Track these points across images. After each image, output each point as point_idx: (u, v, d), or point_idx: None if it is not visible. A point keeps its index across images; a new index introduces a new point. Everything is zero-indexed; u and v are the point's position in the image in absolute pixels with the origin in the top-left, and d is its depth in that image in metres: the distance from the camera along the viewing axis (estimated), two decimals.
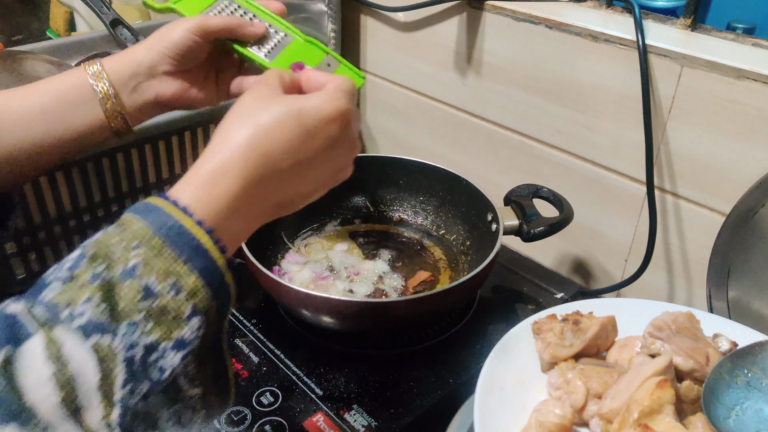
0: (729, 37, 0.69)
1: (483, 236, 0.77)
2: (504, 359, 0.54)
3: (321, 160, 0.45)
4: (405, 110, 1.03)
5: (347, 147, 0.47)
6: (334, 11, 0.98)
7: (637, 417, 0.44)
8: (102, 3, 1.00)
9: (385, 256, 0.80)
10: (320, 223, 0.86)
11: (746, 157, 0.66)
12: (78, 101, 0.53)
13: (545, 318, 0.56)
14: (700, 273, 0.73)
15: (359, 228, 0.86)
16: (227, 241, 0.39)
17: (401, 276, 0.77)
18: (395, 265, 0.79)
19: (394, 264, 0.79)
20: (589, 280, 0.87)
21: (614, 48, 0.72)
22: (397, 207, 0.88)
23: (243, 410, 0.60)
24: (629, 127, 0.74)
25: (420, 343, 0.69)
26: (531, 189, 0.77)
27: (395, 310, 0.64)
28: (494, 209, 0.74)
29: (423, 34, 0.94)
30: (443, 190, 0.84)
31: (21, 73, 0.79)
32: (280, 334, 0.70)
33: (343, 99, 0.45)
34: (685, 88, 0.68)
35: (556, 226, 0.71)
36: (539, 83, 0.81)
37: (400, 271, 0.78)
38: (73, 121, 0.53)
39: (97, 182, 0.75)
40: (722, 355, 0.50)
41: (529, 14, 0.79)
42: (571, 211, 0.73)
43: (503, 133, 0.89)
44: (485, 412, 0.48)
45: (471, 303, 0.75)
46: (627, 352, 0.54)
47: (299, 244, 0.82)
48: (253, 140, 0.42)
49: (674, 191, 0.73)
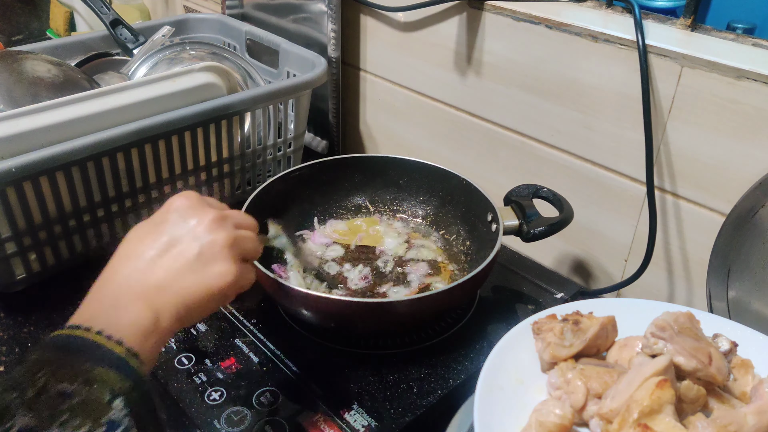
0: (729, 37, 0.69)
1: (483, 236, 0.77)
2: (504, 359, 0.54)
3: (170, 226, 0.49)
4: (405, 110, 1.03)
5: (198, 215, 0.50)
6: (334, 11, 0.98)
7: (637, 417, 0.44)
8: (102, 3, 1.00)
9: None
10: (321, 223, 0.86)
11: (746, 157, 0.66)
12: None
13: (545, 318, 0.56)
14: (700, 273, 0.73)
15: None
16: (113, 330, 0.42)
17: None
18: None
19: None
20: (589, 280, 0.87)
21: (614, 48, 0.72)
22: (397, 207, 0.88)
23: (243, 410, 0.60)
24: (629, 127, 0.74)
25: (420, 343, 0.69)
26: (531, 189, 0.77)
27: (395, 310, 0.64)
28: (494, 209, 0.74)
29: (423, 34, 0.94)
30: (443, 190, 0.84)
31: (21, 73, 0.79)
32: (280, 334, 0.70)
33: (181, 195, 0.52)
34: (685, 88, 0.68)
35: (556, 226, 0.71)
36: (539, 83, 0.81)
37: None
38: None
39: (97, 182, 0.75)
40: (723, 355, 0.50)
41: (529, 14, 0.79)
42: (571, 211, 0.73)
43: (503, 133, 0.89)
44: (485, 412, 0.48)
45: (471, 303, 0.75)
46: (627, 352, 0.54)
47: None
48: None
49: (674, 191, 0.73)
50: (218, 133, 0.84)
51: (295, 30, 1.09)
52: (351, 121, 1.14)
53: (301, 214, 0.85)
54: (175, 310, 0.46)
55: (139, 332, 0.43)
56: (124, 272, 0.47)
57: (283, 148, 0.95)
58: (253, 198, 0.74)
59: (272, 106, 0.89)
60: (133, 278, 0.46)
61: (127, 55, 0.99)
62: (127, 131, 0.73)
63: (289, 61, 1.00)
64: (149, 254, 0.47)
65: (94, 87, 0.84)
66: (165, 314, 0.45)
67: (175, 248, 0.48)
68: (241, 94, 0.84)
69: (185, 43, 0.99)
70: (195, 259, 0.48)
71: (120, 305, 0.45)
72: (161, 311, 0.45)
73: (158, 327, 0.45)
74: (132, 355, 0.42)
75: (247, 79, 0.97)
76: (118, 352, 0.41)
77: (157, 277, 0.46)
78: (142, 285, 0.46)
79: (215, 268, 0.48)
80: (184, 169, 0.83)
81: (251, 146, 0.90)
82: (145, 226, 0.50)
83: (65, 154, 0.69)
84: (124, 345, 0.42)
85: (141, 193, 0.80)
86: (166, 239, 0.48)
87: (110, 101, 0.74)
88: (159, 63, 0.96)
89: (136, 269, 0.47)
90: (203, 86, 0.81)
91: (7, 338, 0.69)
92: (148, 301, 0.45)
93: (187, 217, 0.50)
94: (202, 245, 0.48)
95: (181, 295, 0.47)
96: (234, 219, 0.52)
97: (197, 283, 0.47)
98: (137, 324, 0.44)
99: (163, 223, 0.49)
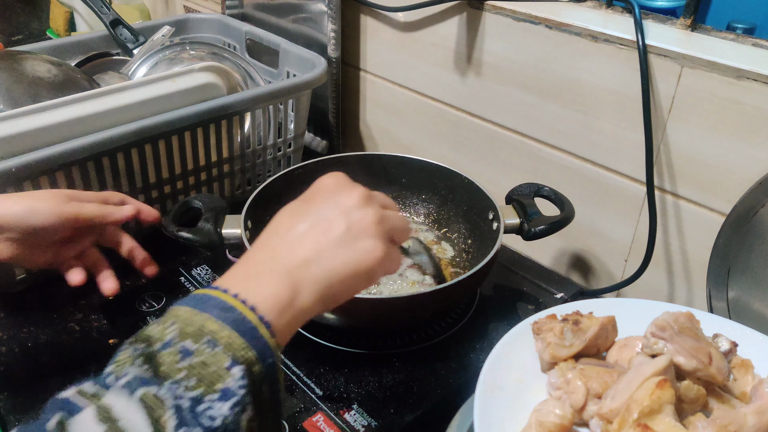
0: (729, 37, 0.69)
1: (484, 234, 0.77)
2: (504, 359, 0.54)
3: (320, 202, 0.48)
4: (405, 110, 1.03)
5: (346, 192, 0.48)
6: (334, 11, 0.98)
7: (637, 417, 0.44)
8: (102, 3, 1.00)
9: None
10: None
11: (746, 157, 0.66)
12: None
13: (545, 318, 0.56)
14: (700, 273, 0.73)
15: None
16: (249, 296, 0.41)
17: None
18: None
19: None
20: (589, 280, 0.87)
21: (614, 48, 0.72)
22: (399, 205, 0.88)
23: None
24: (629, 127, 0.74)
25: (420, 342, 0.69)
26: (533, 188, 0.77)
27: (395, 306, 0.64)
28: (495, 207, 0.74)
29: (423, 34, 0.94)
30: (445, 188, 0.85)
31: (21, 73, 0.79)
32: None
33: (330, 175, 0.50)
34: (685, 88, 0.68)
35: (557, 225, 0.71)
36: (539, 83, 0.81)
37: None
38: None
39: (97, 182, 0.75)
40: (723, 355, 0.50)
41: (529, 14, 0.79)
42: (572, 210, 0.73)
43: (503, 133, 0.89)
44: (485, 412, 0.48)
45: (471, 303, 0.75)
46: (627, 352, 0.54)
47: None
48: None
49: (674, 191, 0.73)
50: (218, 133, 0.84)
51: (295, 30, 1.09)
52: (351, 121, 1.14)
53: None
54: (319, 287, 0.44)
55: (277, 304, 0.42)
56: (271, 244, 0.46)
57: (283, 148, 0.95)
58: (254, 197, 0.74)
59: (272, 106, 0.89)
60: (279, 250, 0.45)
61: (127, 55, 0.99)
62: (127, 131, 0.73)
63: (289, 61, 1.00)
64: (298, 228, 0.46)
65: (94, 87, 0.84)
66: (306, 290, 0.44)
67: (323, 223, 0.46)
68: (241, 94, 0.84)
69: (185, 43, 0.99)
70: (343, 233, 0.46)
71: (262, 275, 0.44)
72: (303, 286, 0.44)
73: (297, 303, 0.43)
74: (264, 325, 0.40)
75: (247, 79, 0.97)
76: (250, 318, 0.40)
77: (304, 251, 0.45)
78: (288, 258, 0.45)
79: (364, 244, 0.46)
80: (184, 169, 0.83)
81: (251, 146, 0.90)
82: (295, 204, 0.49)
83: (65, 154, 0.69)
84: (257, 312, 0.40)
85: (141, 193, 0.80)
86: (315, 214, 0.47)
87: (110, 101, 0.74)
88: (159, 63, 0.96)
89: (284, 241, 0.46)
90: (203, 86, 0.81)
91: (7, 338, 0.69)
92: (290, 275, 0.44)
93: (336, 194, 0.48)
94: (350, 220, 0.47)
95: (326, 270, 0.45)
96: (380, 200, 0.51)
97: (344, 259, 0.45)
98: (276, 296, 0.42)
99: (313, 199, 0.49)
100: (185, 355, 0.37)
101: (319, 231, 0.46)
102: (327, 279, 0.45)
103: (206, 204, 0.72)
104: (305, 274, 0.44)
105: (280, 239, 0.46)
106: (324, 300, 0.45)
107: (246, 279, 0.43)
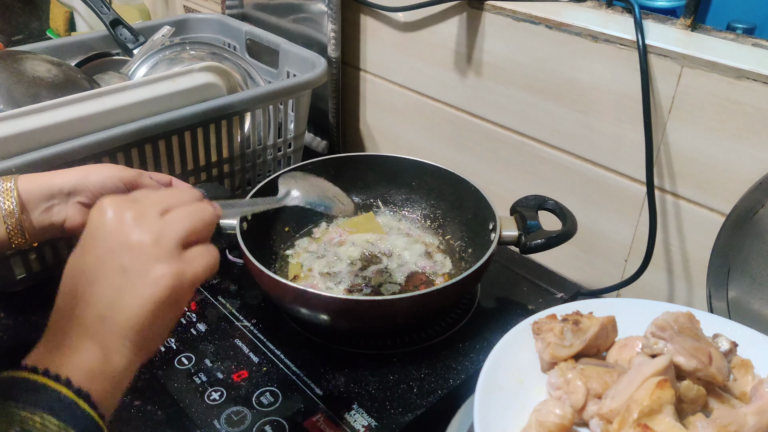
0: (729, 37, 0.69)
1: (484, 245, 0.75)
2: (504, 359, 0.54)
3: (91, 251, 0.43)
4: (405, 110, 1.03)
5: (114, 225, 0.43)
6: (334, 11, 0.98)
7: (637, 417, 0.44)
8: (102, 3, 1.00)
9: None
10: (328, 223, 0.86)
11: (746, 157, 0.66)
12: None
13: (545, 318, 0.56)
14: (700, 273, 0.73)
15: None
16: (61, 368, 0.39)
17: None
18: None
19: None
20: (589, 280, 0.87)
21: (614, 48, 0.72)
22: (407, 208, 0.88)
23: (243, 410, 0.60)
24: (629, 127, 0.74)
25: (420, 343, 0.69)
26: (538, 200, 0.75)
27: (391, 307, 0.64)
28: (495, 219, 0.73)
29: (423, 34, 0.94)
30: (453, 195, 0.83)
31: (21, 73, 0.79)
32: (280, 334, 0.70)
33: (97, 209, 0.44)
34: (685, 88, 0.68)
35: (554, 240, 0.70)
36: (539, 83, 0.81)
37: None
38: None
39: None
40: (723, 355, 0.50)
41: (529, 14, 0.79)
42: (575, 226, 0.71)
43: (503, 133, 0.89)
44: (485, 412, 0.48)
45: (471, 303, 0.75)
46: (627, 352, 0.54)
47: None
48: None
49: (674, 191, 0.73)
50: (218, 133, 0.84)
51: (295, 30, 1.09)
52: (351, 121, 1.14)
53: (302, 212, 0.85)
54: (126, 340, 0.41)
55: (89, 372, 0.39)
56: (67, 307, 0.43)
57: (283, 148, 0.95)
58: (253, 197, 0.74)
59: (272, 106, 0.89)
60: (77, 314, 0.42)
61: (127, 55, 0.99)
62: (127, 131, 0.73)
63: (289, 61, 1.00)
64: (82, 287, 0.42)
65: (94, 87, 0.84)
66: (115, 347, 0.41)
67: (101, 273, 0.42)
68: (241, 94, 0.84)
69: (185, 43, 0.99)
70: (123, 276, 0.42)
71: (67, 343, 0.41)
72: (110, 345, 0.41)
73: (111, 364, 0.40)
74: (83, 397, 0.38)
75: (247, 79, 0.97)
76: (66, 393, 0.37)
77: (96, 309, 0.41)
78: (85, 319, 0.41)
79: (151, 275, 0.42)
80: (184, 169, 0.83)
81: (251, 146, 0.90)
82: (74, 258, 0.44)
83: (65, 154, 0.69)
84: (73, 385, 0.38)
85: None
86: (92, 267, 0.43)
87: (110, 101, 0.74)
88: (159, 63, 0.96)
89: (78, 302, 0.42)
90: (203, 86, 0.81)
91: (7, 338, 0.69)
92: (94, 337, 0.41)
93: (105, 233, 0.43)
94: (123, 258, 0.42)
95: (127, 320, 0.41)
96: (162, 204, 0.45)
97: (138, 300, 0.41)
98: (86, 363, 0.40)
99: (88, 249, 0.44)
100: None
101: (103, 283, 0.42)
102: (131, 328, 0.41)
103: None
104: (106, 332, 0.41)
105: (72, 301, 0.42)
106: (141, 349, 0.42)
107: (56, 349, 0.40)
